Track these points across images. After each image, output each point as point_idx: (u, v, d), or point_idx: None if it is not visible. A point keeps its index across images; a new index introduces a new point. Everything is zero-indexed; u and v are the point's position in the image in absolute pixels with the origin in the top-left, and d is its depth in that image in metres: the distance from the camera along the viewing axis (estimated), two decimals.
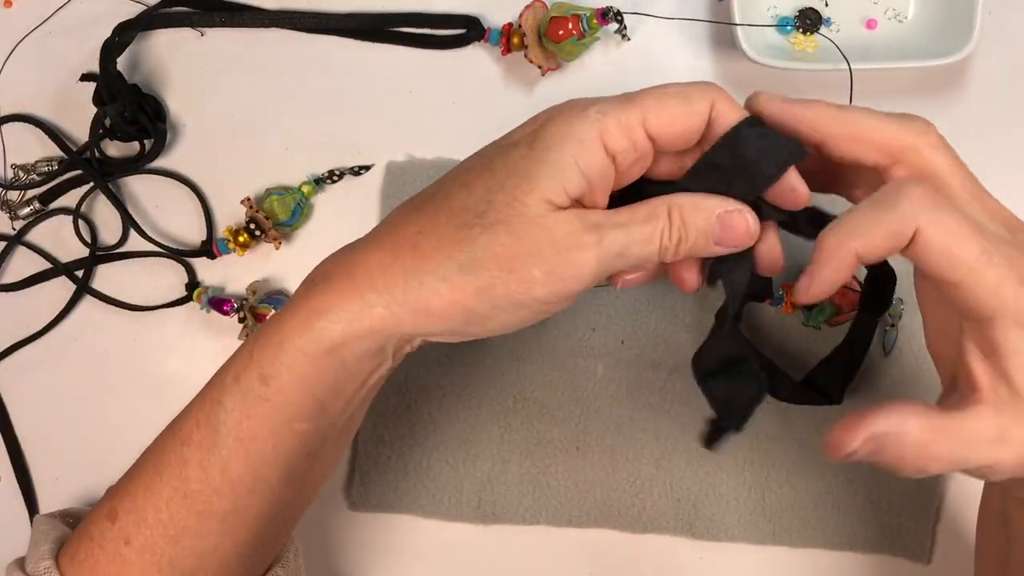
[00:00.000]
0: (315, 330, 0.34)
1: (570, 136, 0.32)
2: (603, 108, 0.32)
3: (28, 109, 0.56)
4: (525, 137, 0.33)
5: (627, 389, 0.52)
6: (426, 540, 0.53)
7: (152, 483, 0.37)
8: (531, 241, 0.32)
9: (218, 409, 0.36)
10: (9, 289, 0.55)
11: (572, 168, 0.32)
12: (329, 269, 0.35)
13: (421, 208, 0.34)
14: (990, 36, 0.53)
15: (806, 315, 0.51)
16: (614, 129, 0.32)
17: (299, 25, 0.55)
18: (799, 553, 0.52)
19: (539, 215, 0.31)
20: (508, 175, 0.32)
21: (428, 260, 0.32)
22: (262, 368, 0.35)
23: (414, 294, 0.33)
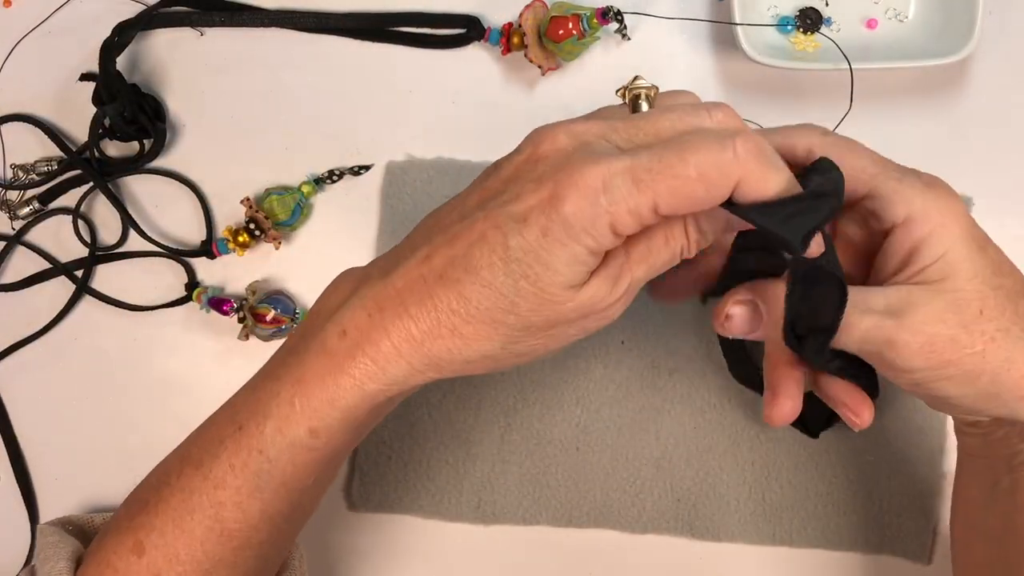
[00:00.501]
0: (370, 391, 0.35)
1: (583, 231, 0.31)
2: (615, 200, 0.31)
3: (28, 109, 0.56)
4: (537, 214, 0.32)
5: (627, 389, 0.52)
6: (426, 540, 0.53)
7: (182, 521, 0.37)
8: (564, 320, 0.33)
9: (260, 459, 0.36)
10: (9, 289, 0.55)
11: (588, 257, 0.32)
12: (363, 324, 0.34)
13: (445, 281, 0.33)
14: (990, 36, 0.53)
15: None
16: (624, 218, 0.31)
17: (299, 25, 0.55)
18: (799, 553, 0.52)
19: (568, 299, 0.33)
20: (528, 263, 0.32)
21: (470, 343, 0.33)
22: (311, 423, 0.35)
23: (460, 367, 0.35)
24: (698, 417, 0.52)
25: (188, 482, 0.37)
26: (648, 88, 0.36)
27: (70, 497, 0.54)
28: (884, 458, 0.52)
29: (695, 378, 0.52)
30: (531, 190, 0.32)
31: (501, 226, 0.32)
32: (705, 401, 0.52)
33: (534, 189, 0.32)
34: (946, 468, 0.52)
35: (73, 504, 0.54)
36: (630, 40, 0.54)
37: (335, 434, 0.35)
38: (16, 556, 0.54)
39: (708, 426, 0.52)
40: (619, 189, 0.31)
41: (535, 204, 0.32)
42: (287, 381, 0.35)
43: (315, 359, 0.35)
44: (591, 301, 0.33)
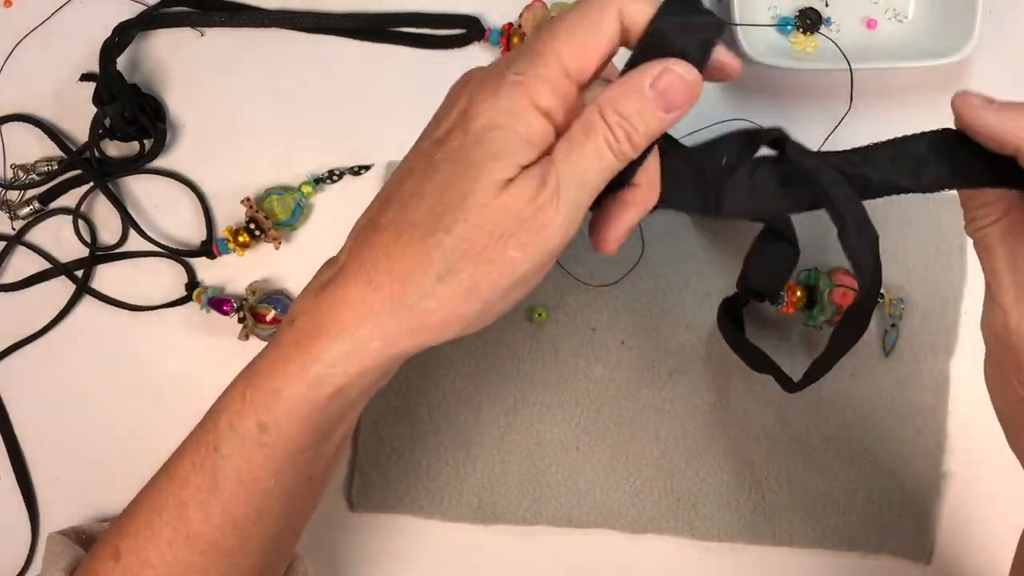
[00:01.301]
0: (312, 376, 0.33)
1: (499, 110, 0.31)
2: (519, 68, 0.31)
3: (28, 109, 0.56)
4: (456, 124, 0.32)
5: (627, 389, 0.52)
6: (426, 540, 0.53)
7: (152, 523, 0.36)
8: (495, 226, 0.31)
9: (214, 455, 0.35)
10: (9, 289, 0.55)
11: (514, 142, 0.31)
12: (308, 307, 0.34)
13: (379, 226, 0.33)
14: (990, 36, 0.53)
15: (807, 315, 0.51)
16: (539, 88, 0.31)
17: (299, 25, 0.55)
18: (799, 553, 0.52)
19: (493, 197, 0.31)
20: (453, 169, 0.31)
21: (407, 281, 0.32)
22: (259, 416, 0.34)
23: (405, 319, 0.32)
24: (698, 417, 0.52)
25: (156, 482, 0.37)
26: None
27: (70, 497, 0.54)
28: (884, 458, 0.52)
29: (695, 378, 0.52)
30: (447, 109, 0.33)
31: (426, 152, 0.32)
32: (705, 401, 0.52)
33: (450, 106, 0.33)
34: (945, 468, 0.52)
35: (73, 504, 0.54)
36: None
37: (284, 430, 0.34)
38: (16, 557, 0.54)
39: (708, 426, 0.52)
40: (520, 60, 0.31)
41: (454, 115, 0.32)
42: (243, 376, 0.35)
43: (269, 351, 0.35)
44: (518, 199, 0.31)
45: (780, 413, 0.52)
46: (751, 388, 0.52)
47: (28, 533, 0.54)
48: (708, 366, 0.52)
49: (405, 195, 0.32)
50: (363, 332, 0.32)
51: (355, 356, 0.33)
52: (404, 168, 0.34)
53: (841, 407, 0.52)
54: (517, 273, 0.32)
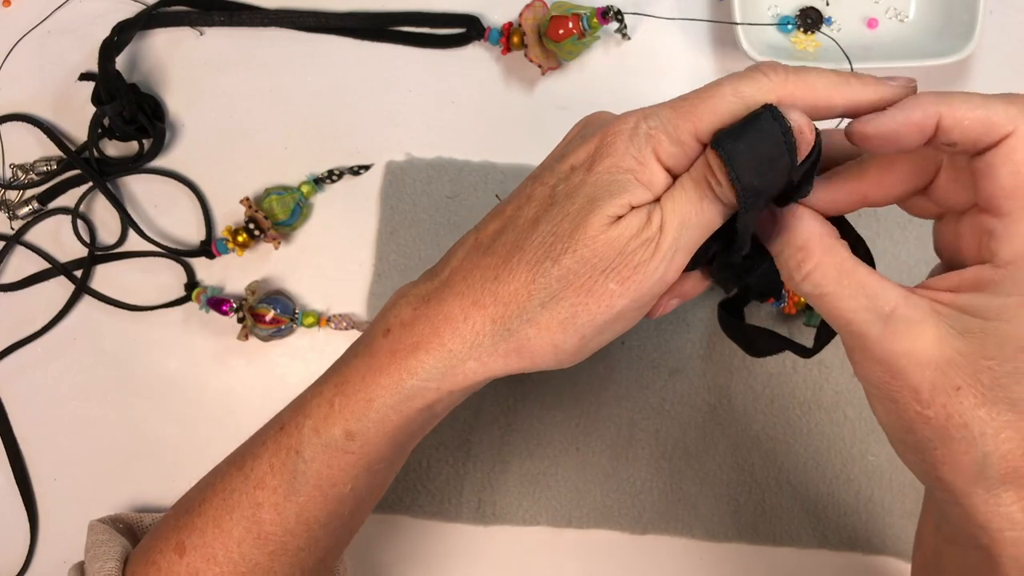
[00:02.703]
0: (407, 389, 0.34)
1: (625, 155, 0.32)
2: (654, 124, 0.32)
3: (27, 108, 0.55)
4: (583, 162, 0.33)
5: (627, 389, 0.52)
6: (426, 540, 0.53)
7: (222, 521, 0.37)
8: (600, 259, 0.32)
9: (296, 459, 0.36)
10: (8, 289, 0.55)
11: (633, 185, 0.32)
12: (407, 317, 0.35)
13: (492, 249, 0.34)
14: (991, 36, 0.53)
15: (807, 315, 0.51)
16: (667, 146, 0.32)
17: (298, 24, 0.55)
18: (799, 553, 0.52)
19: (602, 232, 0.32)
20: (570, 203, 0.32)
21: (510, 304, 0.33)
22: (347, 424, 0.35)
23: (503, 342, 0.33)
24: (698, 417, 0.52)
25: (230, 482, 0.37)
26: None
27: (70, 497, 0.54)
28: (884, 458, 0.52)
29: (695, 378, 0.52)
30: (578, 144, 0.33)
31: (548, 181, 0.33)
32: (705, 401, 0.52)
33: (580, 143, 0.33)
34: None
35: (72, 504, 0.54)
36: (630, 40, 0.54)
37: (371, 439, 0.35)
38: (16, 556, 0.54)
39: (708, 426, 0.52)
40: (658, 116, 0.32)
41: (583, 153, 0.33)
42: (331, 383, 0.36)
43: (359, 360, 0.35)
44: (624, 234, 0.31)
45: (780, 413, 0.52)
46: (751, 388, 0.52)
47: (27, 533, 0.54)
48: (708, 366, 0.52)
49: (521, 222, 0.33)
50: (461, 350, 0.33)
51: (450, 373, 0.34)
52: (523, 196, 0.34)
53: (841, 407, 0.52)
54: (615, 308, 0.32)
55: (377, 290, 0.53)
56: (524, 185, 0.35)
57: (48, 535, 0.54)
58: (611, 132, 0.32)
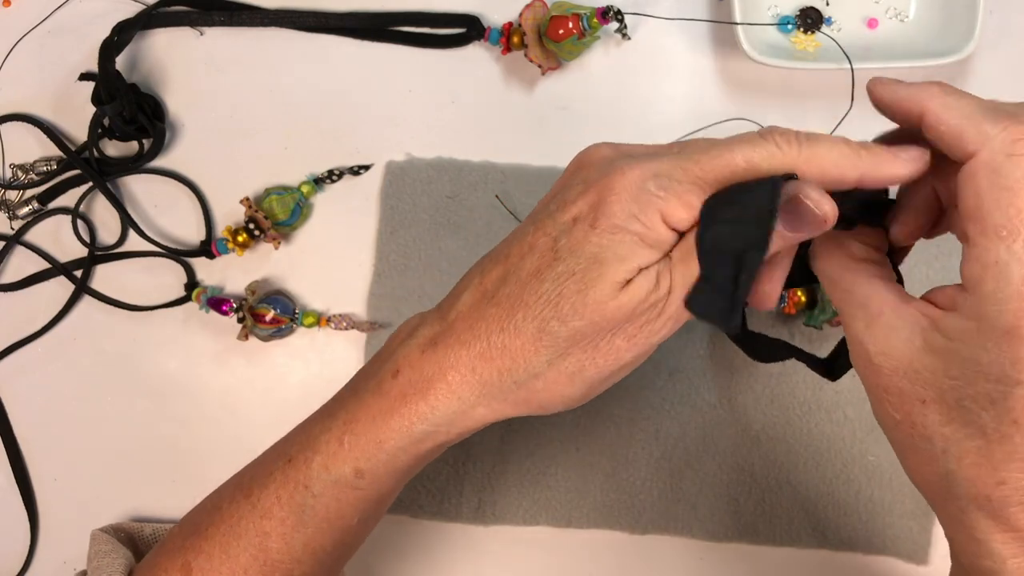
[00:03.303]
0: (417, 433, 0.35)
1: (631, 218, 0.31)
2: (663, 184, 0.31)
3: (27, 108, 0.55)
4: (585, 215, 0.32)
5: (627, 389, 0.52)
6: (426, 540, 0.53)
7: (229, 547, 0.37)
8: (608, 323, 0.32)
9: (304, 493, 0.36)
10: (8, 289, 0.55)
11: (639, 248, 0.32)
12: (414, 362, 0.35)
13: (496, 299, 0.34)
14: (991, 36, 0.53)
15: (807, 315, 0.51)
16: (677, 209, 0.31)
17: (298, 24, 0.55)
18: (799, 553, 0.52)
19: (611, 299, 0.32)
20: (575, 262, 0.32)
21: (517, 359, 0.33)
22: (358, 463, 0.35)
23: (511, 393, 0.34)
24: (698, 417, 0.52)
25: (237, 508, 0.37)
26: None
27: (70, 497, 0.54)
28: (884, 458, 0.52)
29: (695, 378, 0.52)
30: (579, 192, 0.33)
31: (549, 231, 0.33)
32: (705, 401, 0.52)
33: (581, 191, 0.33)
34: None
35: (72, 504, 0.54)
36: (630, 40, 0.54)
37: (380, 477, 0.36)
38: (16, 556, 0.54)
39: (708, 426, 0.52)
40: (667, 177, 0.31)
41: (583, 204, 0.32)
42: (340, 419, 0.36)
43: (370, 398, 0.36)
44: (634, 300, 0.32)
45: (780, 413, 0.52)
46: (751, 388, 0.52)
47: (27, 533, 0.54)
48: (708, 366, 0.52)
49: (524, 274, 0.33)
50: (470, 398, 0.34)
51: (460, 419, 0.34)
52: (524, 243, 0.34)
53: (841, 407, 0.52)
54: (622, 361, 0.33)
55: (377, 290, 0.53)
56: (525, 230, 0.34)
57: (48, 535, 0.54)
58: (614, 188, 0.32)
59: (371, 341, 0.53)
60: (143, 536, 0.50)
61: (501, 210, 0.53)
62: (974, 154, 0.28)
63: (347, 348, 0.54)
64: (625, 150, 0.34)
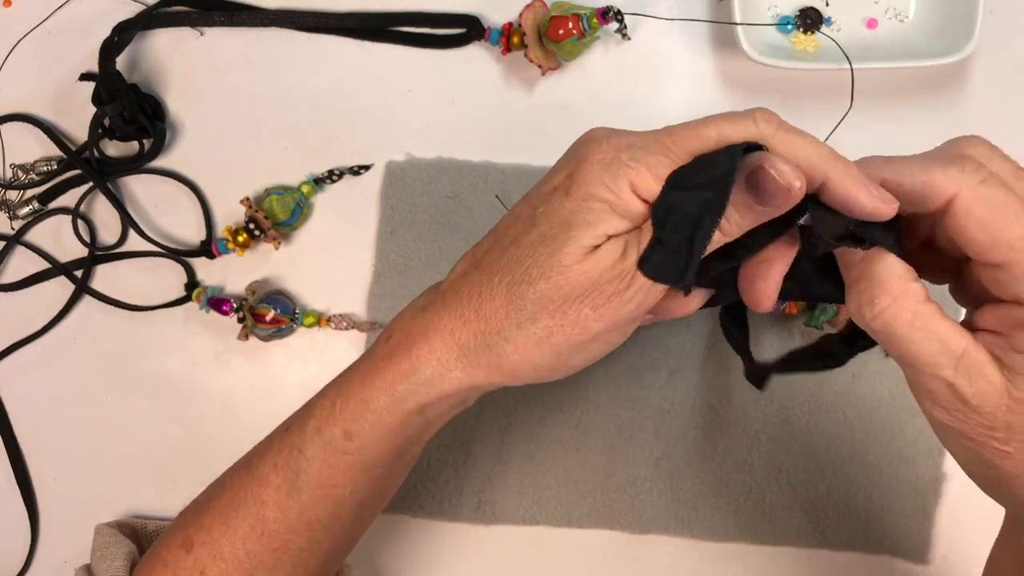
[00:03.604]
0: (399, 392, 0.35)
1: (601, 185, 0.32)
2: (635, 155, 0.31)
3: (27, 109, 0.55)
4: (563, 182, 0.33)
5: (627, 389, 0.52)
6: (426, 540, 0.53)
7: (228, 518, 0.38)
8: (573, 287, 0.32)
9: (298, 457, 0.37)
10: (8, 289, 0.55)
11: (608, 215, 0.32)
12: (407, 328, 0.36)
13: (480, 265, 0.35)
14: (990, 36, 0.53)
15: (808, 316, 0.51)
16: (646, 179, 0.31)
17: (299, 24, 0.55)
18: (799, 553, 0.52)
19: (576, 262, 0.32)
20: (549, 226, 0.33)
21: (490, 321, 0.34)
22: (346, 424, 0.36)
23: (484, 356, 0.34)
24: (698, 417, 0.52)
25: (238, 480, 0.38)
26: None
27: (70, 497, 0.54)
28: (884, 458, 0.52)
29: (695, 378, 0.52)
30: (562, 166, 0.34)
31: (532, 202, 0.34)
32: (705, 401, 0.52)
33: (564, 164, 0.34)
34: (945, 468, 0.52)
35: (73, 504, 0.54)
36: (630, 40, 0.54)
37: (367, 440, 0.36)
38: (16, 557, 0.54)
39: (708, 426, 0.52)
40: (639, 148, 0.31)
41: (563, 175, 0.33)
42: (335, 385, 0.37)
43: (362, 363, 0.37)
44: (598, 266, 0.32)
45: (780, 413, 0.52)
46: (751, 388, 0.52)
47: (28, 533, 0.54)
48: (708, 366, 0.52)
49: (506, 241, 0.34)
50: (448, 360, 0.35)
51: (438, 380, 0.35)
52: (513, 214, 0.35)
53: (841, 407, 0.52)
54: (590, 331, 0.33)
55: (377, 290, 0.53)
56: (518, 203, 0.36)
57: (48, 535, 0.54)
58: (588, 159, 0.32)
59: (371, 341, 0.53)
60: (147, 532, 0.50)
61: (501, 210, 0.53)
62: (955, 195, 0.29)
63: (347, 348, 0.54)
64: (621, 132, 0.34)
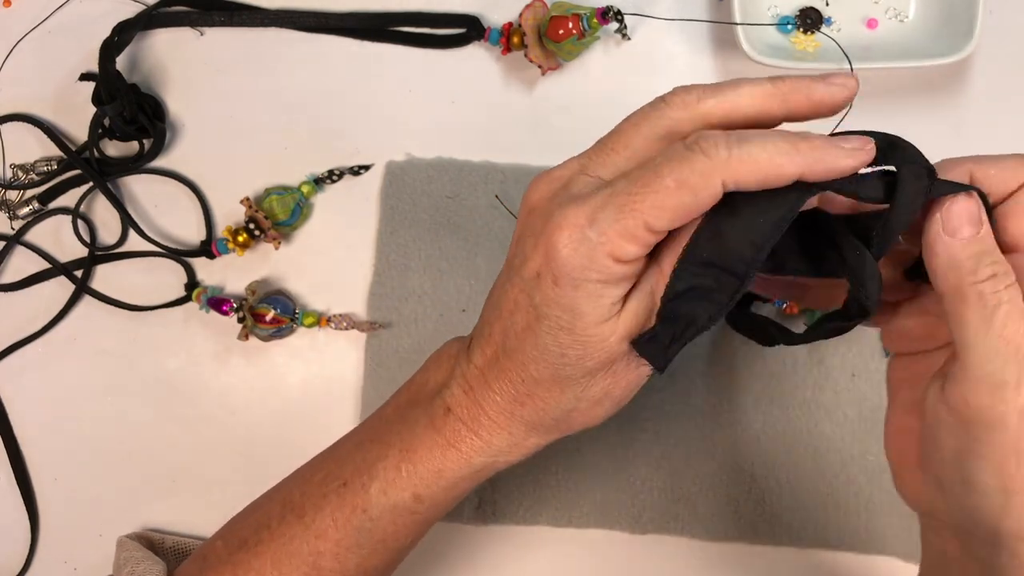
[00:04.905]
0: (477, 464, 0.36)
1: (585, 270, 0.31)
2: (602, 229, 0.30)
3: (27, 109, 0.55)
4: (543, 268, 0.32)
5: None
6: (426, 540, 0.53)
7: (281, 564, 0.38)
8: (617, 351, 0.32)
9: (362, 517, 0.37)
10: (8, 289, 0.55)
11: (606, 289, 0.31)
12: (463, 401, 0.36)
13: (507, 353, 0.34)
14: (990, 36, 0.53)
15: (809, 315, 0.51)
16: (620, 247, 0.30)
17: (299, 24, 0.55)
18: (799, 553, 0.52)
19: (608, 334, 0.32)
20: (558, 315, 0.32)
21: (548, 401, 0.34)
22: (416, 489, 0.37)
23: (554, 425, 0.35)
24: (698, 417, 0.52)
25: (289, 528, 0.38)
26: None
27: (70, 497, 0.54)
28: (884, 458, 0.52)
29: (695, 378, 0.52)
30: (531, 246, 0.32)
31: (524, 289, 0.33)
32: (705, 401, 0.52)
33: (534, 245, 0.32)
34: None
35: (73, 504, 0.54)
36: (630, 40, 0.54)
37: (439, 501, 0.37)
38: (16, 557, 0.54)
39: (708, 426, 0.52)
40: (604, 220, 0.30)
41: (538, 260, 0.32)
42: (396, 448, 0.37)
43: (424, 432, 0.37)
44: (633, 325, 0.32)
45: (780, 413, 0.52)
46: (751, 388, 0.52)
47: (28, 533, 0.54)
48: (708, 366, 0.52)
49: (518, 329, 0.33)
50: (519, 433, 0.36)
51: (515, 449, 0.36)
52: (509, 298, 0.34)
53: (841, 407, 0.52)
54: (643, 377, 0.34)
55: (377, 290, 0.53)
56: (505, 282, 0.34)
57: (48, 535, 0.54)
58: (558, 246, 0.31)
59: (371, 341, 0.53)
60: (164, 547, 0.51)
61: (501, 210, 0.53)
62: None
63: (347, 348, 0.54)
64: (561, 184, 0.33)
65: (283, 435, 0.53)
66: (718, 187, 0.29)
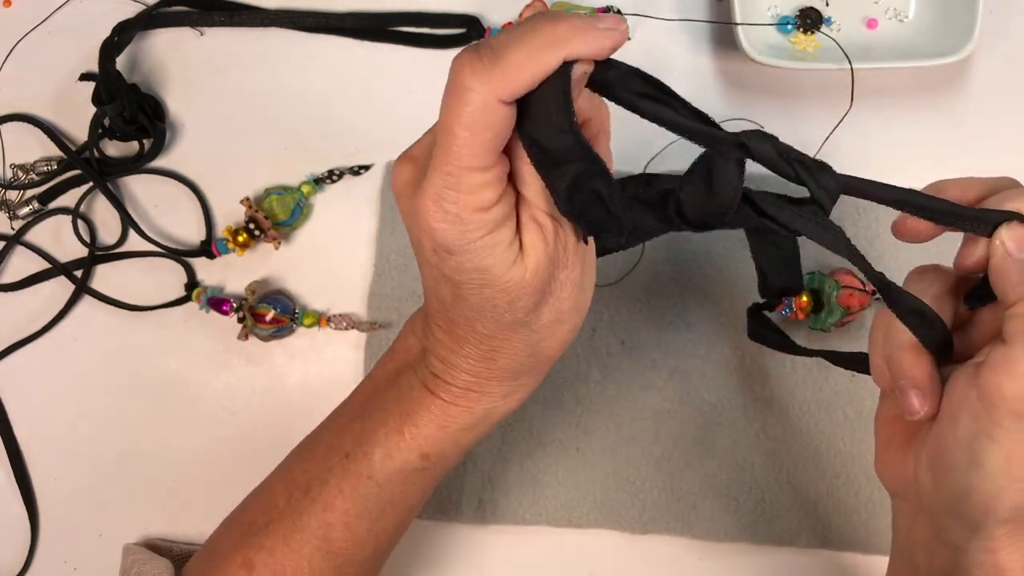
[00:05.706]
0: (479, 412, 0.37)
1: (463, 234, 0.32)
2: (447, 196, 0.31)
3: (27, 109, 0.55)
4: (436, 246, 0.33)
5: (627, 389, 0.52)
6: (426, 540, 0.53)
7: (291, 539, 0.38)
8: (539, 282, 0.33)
9: (368, 483, 0.38)
10: (8, 289, 0.55)
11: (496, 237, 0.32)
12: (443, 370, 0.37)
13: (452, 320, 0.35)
14: (990, 36, 0.53)
15: (814, 319, 0.51)
16: (472, 200, 0.31)
17: (298, 24, 0.55)
18: (799, 553, 0.52)
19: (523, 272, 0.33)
20: (470, 278, 0.33)
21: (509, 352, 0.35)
22: (424, 448, 0.37)
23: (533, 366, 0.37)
24: (698, 417, 0.52)
25: (297, 505, 0.39)
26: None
27: (70, 497, 0.54)
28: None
29: (695, 378, 0.52)
30: (416, 231, 0.34)
31: (434, 266, 0.34)
32: (705, 401, 0.52)
33: (418, 229, 0.34)
34: None
35: (73, 504, 0.54)
36: (630, 40, 0.54)
37: (447, 454, 0.38)
38: (16, 557, 0.54)
39: (708, 426, 0.52)
40: (444, 188, 0.31)
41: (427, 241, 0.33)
42: (395, 413, 0.38)
43: (420, 394, 0.37)
44: (541, 253, 0.33)
45: (780, 413, 0.52)
46: (751, 388, 0.52)
47: (28, 533, 0.54)
48: (708, 366, 0.52)
49: (448, 297, 0.35)
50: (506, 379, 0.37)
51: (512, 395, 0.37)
52: (430, 278, 0.35)
53: (841, 407, 0.52)
54: (578, 281, 0.35)
55: (377, 290, 0.53)
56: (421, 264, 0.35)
57: (48, 535, 0.54)
58: (432, 227, 0.32)
59: (371, 341, 0.53)
60: (172, 555, 0.51)
61: None
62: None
63: (347, 348, 0.54)
64: (413, 160, 0.34)
65: (283, 434, 0.53)
66: (502, 108, 0.30)
